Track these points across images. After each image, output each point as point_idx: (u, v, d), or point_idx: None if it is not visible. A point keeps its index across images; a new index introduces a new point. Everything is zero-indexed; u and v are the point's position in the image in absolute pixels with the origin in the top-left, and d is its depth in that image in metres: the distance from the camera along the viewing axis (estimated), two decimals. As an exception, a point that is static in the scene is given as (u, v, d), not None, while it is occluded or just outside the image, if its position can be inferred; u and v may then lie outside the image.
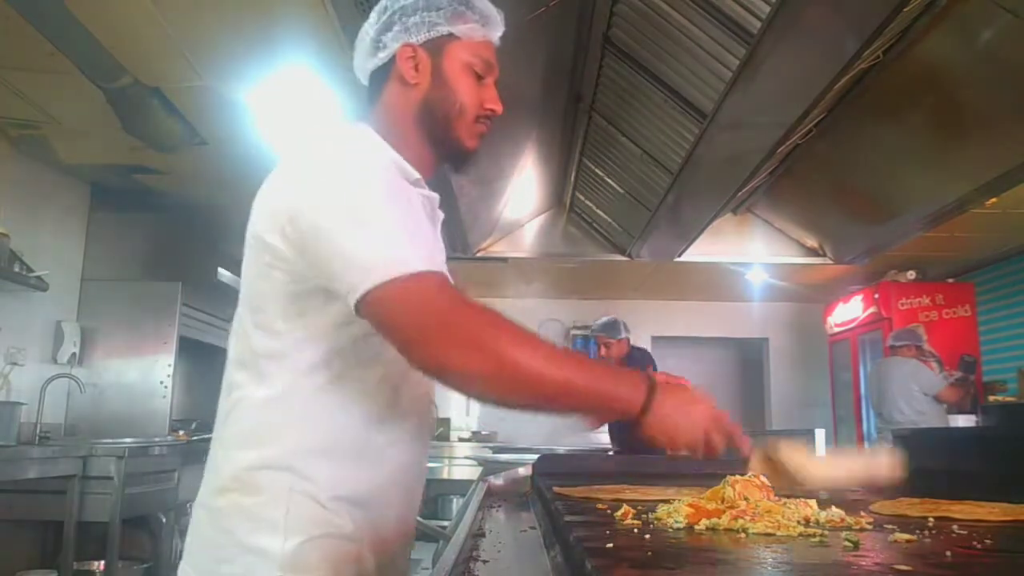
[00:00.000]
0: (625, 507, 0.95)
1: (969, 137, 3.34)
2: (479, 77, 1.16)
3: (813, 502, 0.94)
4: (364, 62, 1.18)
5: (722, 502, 0.94)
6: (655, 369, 4.63)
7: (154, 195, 4.77)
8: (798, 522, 0.86)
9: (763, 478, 0.99)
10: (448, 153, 1.17)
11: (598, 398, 0.97)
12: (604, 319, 4.73)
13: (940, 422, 4.93)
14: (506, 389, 0.94)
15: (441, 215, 1.20)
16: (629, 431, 1.00)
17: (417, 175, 1.12)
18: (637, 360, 4.65)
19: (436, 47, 1.13)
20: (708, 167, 3.42)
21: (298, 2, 2.64)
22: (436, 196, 1.17)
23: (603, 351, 4.61)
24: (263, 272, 1.03)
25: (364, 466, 1.05)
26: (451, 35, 1.14)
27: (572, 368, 0.95)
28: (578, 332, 7.69)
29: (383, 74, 1.16)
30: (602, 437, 5.04)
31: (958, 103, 3.14)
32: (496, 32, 1.19)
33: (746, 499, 0.93)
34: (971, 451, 1.42)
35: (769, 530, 0.84)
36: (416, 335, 0.93)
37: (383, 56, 1.15)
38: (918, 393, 5.08)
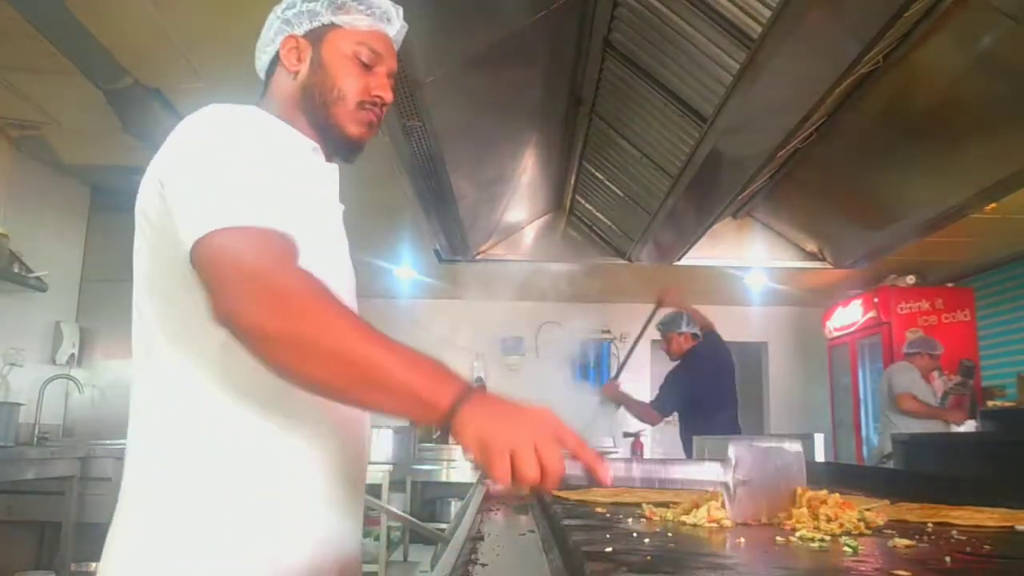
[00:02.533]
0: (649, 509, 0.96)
1: (969, 142, 3.34)
2: (366, 66, 1.15)
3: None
4: (258, 59, 1.21)
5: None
6: (731, 365, 4.46)
7: (154, 196, 4.76)
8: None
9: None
10: (333, 139, 1.15)
11: (401, 390, 0.84)
12: (667, 313, 4.55)
13: (932, 426, 4.90)
14: (296, 355, 0.84)
15: (335, 190, 1.18)
16: None
17: (314, 144, 1.13)
18: (703, 355, 4.33)
19: (317, 36, 1.14)
20: (708, 171, 3.42)
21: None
22: (335, 168, 1.17)
23: (664, 346, 4.52)
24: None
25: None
26: (333, 24, 1.14)
27: (379, 348, 0.84)
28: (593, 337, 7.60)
29: (272, 67, 1.18)
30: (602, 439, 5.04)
31: (958, 108, 3.14)
32: (388, 25, 1.18)
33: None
34: (970, 456, 1.42)
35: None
36: (218, 285, 0.87)
37: (271, 50, 1.17)
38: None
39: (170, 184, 0.96)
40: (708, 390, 4.21)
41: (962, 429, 4.97)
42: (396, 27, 1.19)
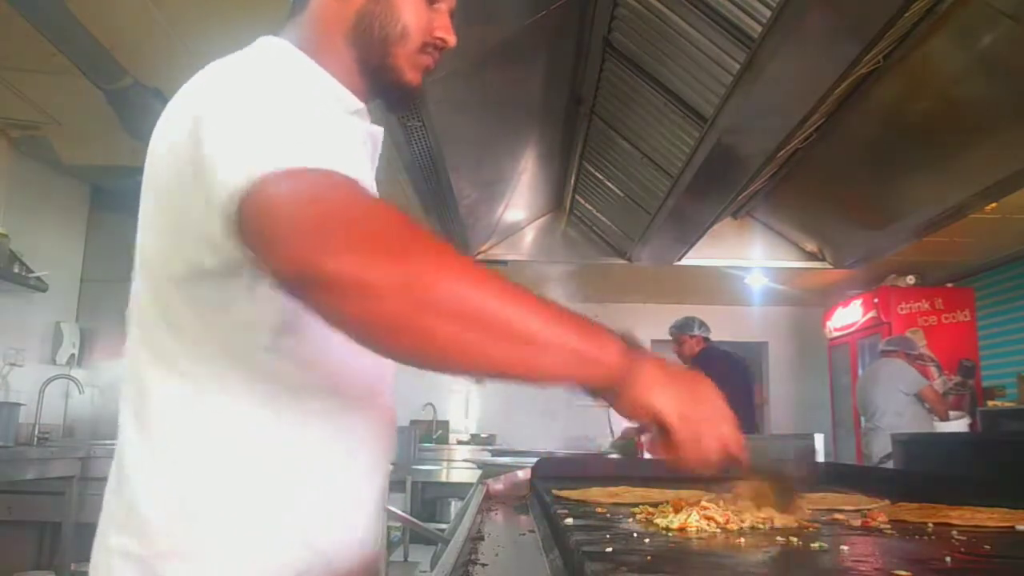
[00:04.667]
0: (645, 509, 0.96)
1: (969, 142, 3.34)
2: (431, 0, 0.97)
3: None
4: None
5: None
6: (750, 383, 4.45)
7: (154, 196, 4.77)
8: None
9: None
10: (383, 85, 0.96)
11: (558, 343, 0.68)
12: (680, 317, 4.67)
13: (918, 425, 4.89)
14: (411, 319, 0.63)
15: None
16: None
17: (359, 103, 0.93)
18: (714, 363, 4.33)
19: None
20: (708, 171, 3.42)
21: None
22: (380, 130, 0.99)
23: (675, 348, 4.56)
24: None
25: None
26: None
27: (509, 295, 0.67)
28: None
29: None
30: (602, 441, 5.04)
31: (958, 108, 3.14)
32: None
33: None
34: (970, 456, 1.42)
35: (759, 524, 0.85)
36: (284, 226, 0.65)
37: None
38: (899, 394, 5.05)
39: (211, 127, 0.75)
40: (724, 391, 4.23)
41: (954, 427, 4.95)
42: None
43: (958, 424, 4.98)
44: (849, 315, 6.87)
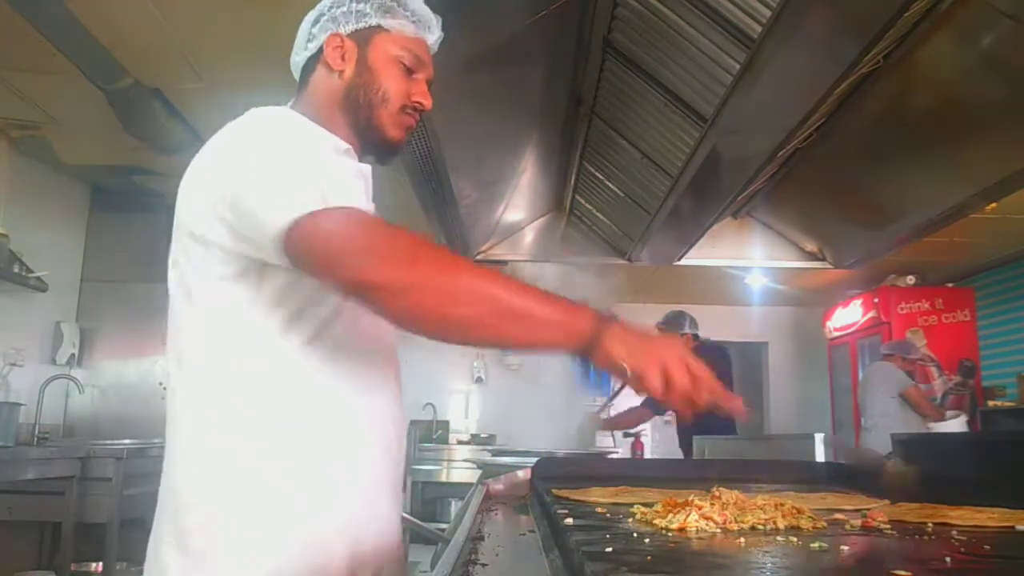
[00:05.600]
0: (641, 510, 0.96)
1: (969, 142, 3.34)
2: (408, 71, 1.16)
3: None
4: (296, 56, 1.21)
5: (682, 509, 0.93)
6: (731, 376, 4.49)
7: (154, 196, 4.77)
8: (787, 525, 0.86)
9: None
10: (372, 141, 1.17)
11: (545, 317, 0.91)
12: (669, 312, 4.58)
13: (907, 426, 4.88)
14: (446, 298, 0.89)
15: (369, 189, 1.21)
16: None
17: (346, 145, 1.12)
18: (704, 357, 4.40)
19: (363, 37, 1.15)
20: (708, 171, 3.42)
21: (298, 3, 2.64)
22: (368, 168, 1.17)
23: None
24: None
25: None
26: (380, 27, 1.15)
27: (514, 284, 0.91)
28: None
29: (312, 64, 1.18)
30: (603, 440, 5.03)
31: (958, 108, 3.14)
32: (429, 34, 1.20)
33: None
34: (970, 456, 1.42)
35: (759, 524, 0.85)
36: (339, 256, 0.91)
37: (312, 47, 1.17)
38: (886, 396, 5.05)
39: (237, 187, 0.98)
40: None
41: (952, 427, 4.93)
42: (435, 36, 1.21)
43: (957, 423, 4.97)
44: (849, 315, 6.87)
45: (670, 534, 0.84)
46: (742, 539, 0.81)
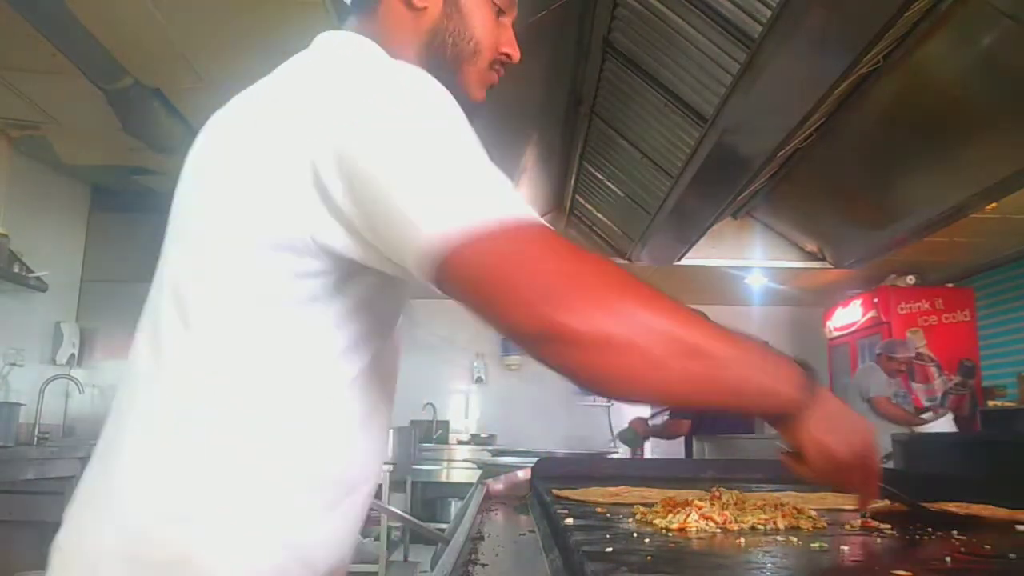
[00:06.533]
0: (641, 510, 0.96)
1: (969, 142, 3.34)
2: (500, 13, 0.93)
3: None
4: None
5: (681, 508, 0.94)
6: None
7: (154, 195, 4.77)
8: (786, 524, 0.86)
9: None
10: None
11: (749, 395, 0.74)
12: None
13: (884, 427, 4.85)
14: (644, 366, 0.68)
15: None
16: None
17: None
18: None
19: None
20: (708, 171, 3.42)
21: (298, 3, 2.64)
22: None
23: None
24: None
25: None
26: None
27: (719, 344, 0.72)
28: None
29: None
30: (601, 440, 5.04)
31: (958, 108, 3.14)
32: None
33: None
34: (970, 456, 1.42)
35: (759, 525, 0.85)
36: (524, 291, 0.67)
37: None
38: (861, 399, 5.02)
39: (372, 168, 0.71)
40: None
41: (937, 428, 4.86)
42: None
43: (943, 423, 4.87)
44: (849, 315, 6.87)
45: (670, 534, 0.84)
46: (742, 539, 0.81)
